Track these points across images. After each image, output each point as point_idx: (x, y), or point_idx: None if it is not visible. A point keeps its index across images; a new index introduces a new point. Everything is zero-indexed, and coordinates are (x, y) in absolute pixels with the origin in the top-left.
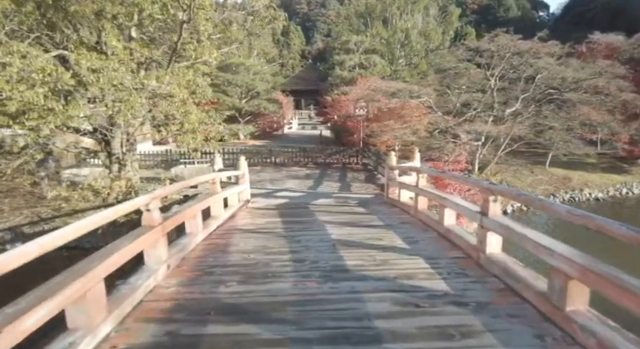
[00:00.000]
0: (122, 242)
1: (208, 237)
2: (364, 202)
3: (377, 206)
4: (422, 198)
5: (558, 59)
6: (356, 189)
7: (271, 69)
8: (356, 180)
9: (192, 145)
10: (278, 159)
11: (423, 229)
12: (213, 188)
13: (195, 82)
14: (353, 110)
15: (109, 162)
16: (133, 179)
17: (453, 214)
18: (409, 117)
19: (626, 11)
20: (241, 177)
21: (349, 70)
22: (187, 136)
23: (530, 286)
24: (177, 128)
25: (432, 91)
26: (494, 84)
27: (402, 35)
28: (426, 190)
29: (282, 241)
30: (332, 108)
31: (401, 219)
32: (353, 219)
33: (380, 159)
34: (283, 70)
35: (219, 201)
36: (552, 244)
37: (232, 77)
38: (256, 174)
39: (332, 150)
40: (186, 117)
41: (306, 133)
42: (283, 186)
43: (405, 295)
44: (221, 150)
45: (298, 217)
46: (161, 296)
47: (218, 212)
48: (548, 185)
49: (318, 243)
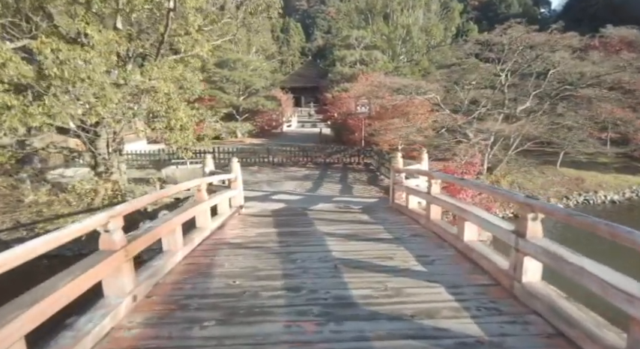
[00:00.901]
0: (67, 274)
1: (190, 255)
2: (368, 208)
3: (382, 213)
4: (435, 207)
5: (574, 53)
6: (358, 191)
7: (270, 65)
8: (358, 181)
9: (181, 144)
10: (276, 158)
11: (437, 244)
12: (199, 196)
13: (184, 77)
14: (354, 107)
15: (94, 164)
16: (120, 181)
17: (475, 228)
18: (413, 115)
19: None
20: (233, 181)
21: (350, 66)
22: (175, 134)
23: (595, 338)
24: (164, 125)
25: (439, 87)
26: (505, 80)
27: (403, 31)
28: (442, 199)
29: (275, 260)
30: (332, 105)
31: (411, 231)
32: (357, 230)
33: (383, 159)
34: (283, 66)
35: (205, 210)
36: (630, 285)
37: (229, 73)
38: (253, 175)
39: (332, 149)
40: (172, 114)
41: (305, 131)
42: (281, 188)
43: (428, 344)
44: (216, 149)
45: (295, 227)
46: (117, 344)
47: (204, 223)
48: (561, 186)
49: (317, 263)
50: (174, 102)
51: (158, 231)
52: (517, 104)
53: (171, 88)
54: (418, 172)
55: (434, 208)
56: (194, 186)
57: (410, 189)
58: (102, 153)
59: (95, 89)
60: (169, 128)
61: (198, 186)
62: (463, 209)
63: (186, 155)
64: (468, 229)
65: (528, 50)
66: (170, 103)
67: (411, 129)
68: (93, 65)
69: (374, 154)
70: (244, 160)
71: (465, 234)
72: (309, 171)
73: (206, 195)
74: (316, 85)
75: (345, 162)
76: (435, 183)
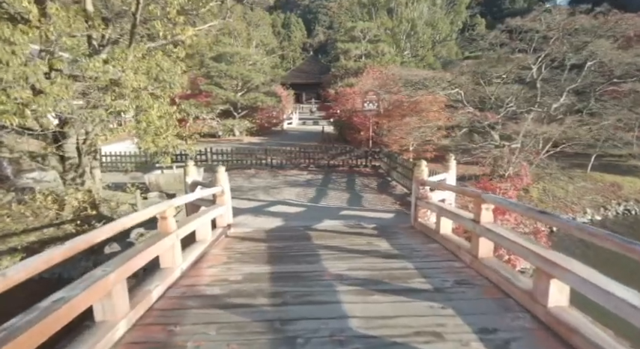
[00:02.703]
0: None
1: (140, 322)
2: (385, 228)
3: (405, 237)
4: (486, 242)
5: (615, 41)
6: (369, 202)
7: (270, 61)
8: (367, 188)
9: (154, 148)
10: (275, 160)
11: (500, 304)
12: (163, 226)
13: (160, 67)
14: (361, 104)
15: (63, 169)
16: (95, 189)
17: (566, 290)
18: (426, 112)
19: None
20: (219, 196)
21: (355, 60)
22: (147, 136)
23: None
24: (133, 127)
25: (466, 80)
26: (538, 73)
27: (408, 25)
28: (503, 236)
29: (264, 336)
30: (336, 101)
31: (454, 274)
32: (378, 270)
33: (395, 162)
34: (283, 62)
35: (171, 246)
36: None
37: (227, 68)
38: (248, 180)
39: (337, 150)
40: (143, 115)
41: (307, 129)
42: (279, 196)
43: None
44: (209, 149)
45: (295, 263)
46: None
47: (171, 262)
48: (595, 194)
49: (328, 346)
50: (145, 99)
51: (79, 301)
52: (551, 101)
53: (143, 82)
54: (462, 192)
55: (484, 243)
56: (159, 212)
57: (443, 210)
58: (71, 157)
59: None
60: (141, 130)
61: (163, 212)
62: (551, 261)
63: (164, 162)
64: (557, 290)
65: (567, 37)
66: (139, 101)
67: (426, 128)
68: (16, 47)
69: (383, 156)
70: (240, 162)
71: (551, 298)
72: (311, 176)
73: (173, 223)
74: (318, 81)
75: (350, 165)
76: (485, 208)
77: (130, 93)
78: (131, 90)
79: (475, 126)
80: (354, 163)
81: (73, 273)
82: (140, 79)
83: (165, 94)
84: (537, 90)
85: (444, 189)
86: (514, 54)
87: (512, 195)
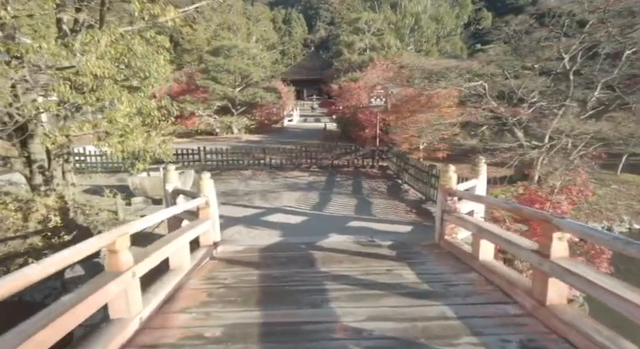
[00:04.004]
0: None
1: None
2: (405, 247)
3: (433, 263)
4: (558, 284)
5: None
6: (380, 209)
7: (271, 56)
8: (376, 192)
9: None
10: (274, 160)
11: None
12: (113, 263)
13: (134, 51)
14: (367, 99)
15: (29, 172)
16: (68, 195)
17: None
18: (438, 108)
19: None
20: (203, 208)
21: (359, 53)
22: (112, 138)
23: None
24: (94, 125)
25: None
26: (570, 63)
27: (412, 20)
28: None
29: None
30: (339, 97)
31: (515, 328)
32: (409, 325)
33: (406, 163)
34: (284, 58)
35: (122, 291)
36: None
37: (224, 62)
38: (245, 183)
39: (341, 150)
40: (109, 112)
41: (308, 126)
42: (278, 202)
43: None
44: (202, 148)
45: (295, 306)
46: None
47: (123, 311)
48: (630, 199)
49: None
50: (109, 90)
51: None
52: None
53: (109, 69)
54: (517, 212)
55: (555, 285)
56: (106, 244)
57: (486, 231)
58: (38, 160)
59: None
60: (105, 129)
61: (111, 244)
62: None
63: (136, 170)
64: None
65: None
66: (102, 93)
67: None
68: None
69: (392, 156)
70: (236, 162)
71: None
72: (313, 177)
73: (128, 258)
74: (319, 77)
75: (356, 165)
76: (559, 238)
77: (90, 83)
78: (91, 79)
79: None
80: (359, 163)
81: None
82: (105, 65)
83: (146, 87)
84: (570, 83)
85: (484, 204)
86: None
87: (566, 210)
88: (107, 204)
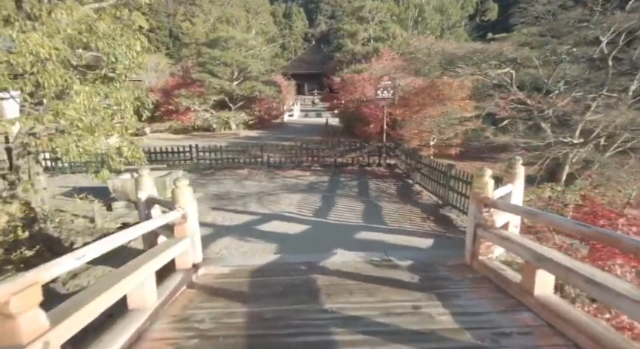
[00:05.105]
0: None
1: None
2: (429, 269)
3: (469, 295)
4: None
5: None
6: (391, 215)
7: (271, 50)
8: (385, 194)
9: (77, 156)
10: (273, 158)
11: None
12: (9, 333)
13: (94, 29)
14: (373, 92)
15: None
16: (36, 201)
17: None
18: (451, 101)
19: None
20: (179, 224)
21: (363, 44)
22: (65, 139)
23: None
24: (33, 120)
25: (529, 52)
26: (610, 49)
27: (415, 11)
28: None
29: None
30: (342, 90)
31: None
32: None
33: (418, 161)
34: (285, 52)
35: None
36: None
37: (220, 54)
38: (240, 184)
39: (345, 147)
40: (61, 105)
41: (309, 122)
42: (275, 207)
43: None
44: (193, 146)
45: None
46: None
47: None
48: None
49: None
50: (54, 75)
51: None
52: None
53: (56, 50)
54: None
55: None
56: None
57: (549, 260)
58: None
59: None
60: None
61: (4, 303)
62: None
63: (100, 177)
64: None
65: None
66: (45, 78)
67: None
68: None
69: (401, 153)
70: (232, 161)
71: None
72: (315, 177)
73: (40, 319)
74: (321, 71)
75: (361, 164)
76: None
77: (29, 65)
78: (31, 61)
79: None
80: (365, 161)
81: None
82: (53, 44)
83: (119, 77)
84: (608, 70)
85: (544, 223)
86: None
87: None
88: (84, 209)
